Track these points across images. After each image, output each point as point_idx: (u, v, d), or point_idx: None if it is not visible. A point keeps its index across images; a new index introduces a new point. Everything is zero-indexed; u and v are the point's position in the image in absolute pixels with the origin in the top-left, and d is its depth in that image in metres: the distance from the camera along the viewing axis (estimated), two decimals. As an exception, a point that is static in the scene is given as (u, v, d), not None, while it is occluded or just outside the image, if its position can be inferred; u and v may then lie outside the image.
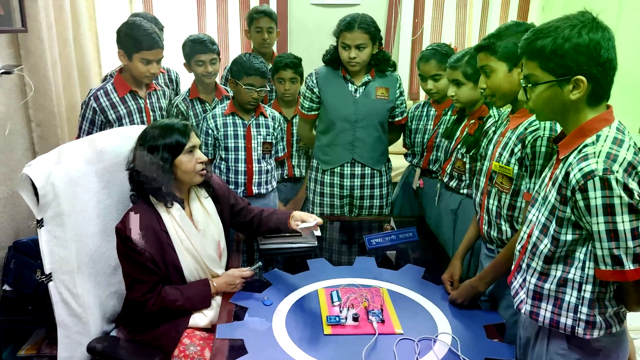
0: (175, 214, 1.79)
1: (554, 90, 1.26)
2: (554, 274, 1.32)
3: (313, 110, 2.55)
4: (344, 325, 1.64)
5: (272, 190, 2.64)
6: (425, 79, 2.43)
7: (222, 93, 2.84)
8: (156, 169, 1.74)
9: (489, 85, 1.68)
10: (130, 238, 1.71)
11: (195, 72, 2.75)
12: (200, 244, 1.81)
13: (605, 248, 1.19)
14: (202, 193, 1.92)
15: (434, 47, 2.43)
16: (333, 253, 2.22)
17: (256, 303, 1.78)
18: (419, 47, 4.54)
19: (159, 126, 1.81)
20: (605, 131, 1.25)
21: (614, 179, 1.15)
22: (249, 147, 2.52)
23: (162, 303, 1.74)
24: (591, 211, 1.18)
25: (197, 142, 1.84)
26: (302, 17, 4.32)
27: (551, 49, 1.23)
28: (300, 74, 2.78)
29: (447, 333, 1.63)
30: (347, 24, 2.33)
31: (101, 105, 2.36)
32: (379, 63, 2.46)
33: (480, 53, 1.69)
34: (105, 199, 1.90)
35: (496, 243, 1.75)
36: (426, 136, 2.53)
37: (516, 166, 1.62)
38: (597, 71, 1.21)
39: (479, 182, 1.81)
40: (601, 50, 1.20)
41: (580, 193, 1.19)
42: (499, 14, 4.50)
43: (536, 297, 1.36)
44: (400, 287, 1.89)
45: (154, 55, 2.33)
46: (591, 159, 1.19)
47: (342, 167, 2.53)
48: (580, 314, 1.29)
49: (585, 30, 1.20)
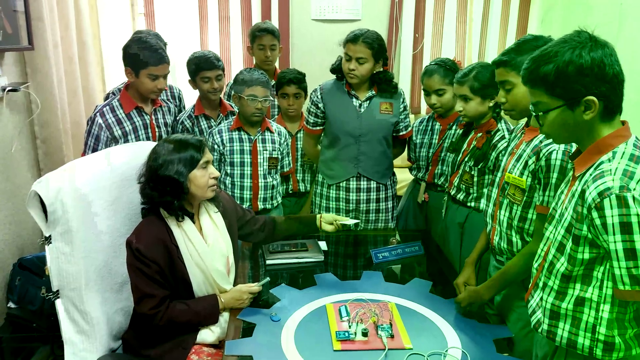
0: (185, 228, 1.80)
1: (566, 113, 1.26)
2: (571, 292, 1.30)
3: (318, 125, 2.56)
4: (354, 341, 1.64)
5: (277, 206, 2.64)
6: (429, 93, 2.45)
7: (227, 109, 2.85)
8: (170, 184, 1.74)
9: (509, 100, 1.69)
10: (141, 250, 1.71)
11: (201, 89, 2.76)
12: (209, 258, 1.82)
13: (623, 267, 1.17)
14: (212, 208, 1.93)
15: (437, 62, 2.46)
16: (340, 267, 2.22)
17: (264, 319, 1.78)
18: (420, 62, 4.58)
19: (174, 141, 1.81)
20: (621, 147, 1.23)
21: (630, 197, 1.13)
22: (255, 163, 2.53)
23: (170, 317, 1.73)
24: (608, 230, 1.16)
25: (210, 158, 1.85)
26: (303, 33, 4.36)
27: (555, 75, 1.22)
28: (304, 89, 2.80)
29: (457, 348, 1.62)
30: (353, 36, 2.36)
31: (107, 122, 2.38)
32: (381, 82, 2.47)
33: (499, 68, 1.69)
34: (114, 215, 1.90)
35: (506, 255, 1.75)
36: (431, 150, 2.55)
37: (529, 178, 1.63)
38: (605, 89, 1.21)
39: (491, 193, 1.82)
40: (605, 67, 1.20)
41: (597, 211, 1.17)
42: (498, 28, 4.54)
43: (553, 316, 1.34)
44: (408, 301, 1.89)
45: (161, 71, 2.35)
46: (607, 176, 1.18)
47: (347, 181, 2.53)
48: (598, 334, 1.26)
49: (585, 50, 1.20)
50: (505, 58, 1.66)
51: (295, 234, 2.20)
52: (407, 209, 2.71)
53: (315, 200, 2.66)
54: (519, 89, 1.64)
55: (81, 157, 2.09)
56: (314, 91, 2.56)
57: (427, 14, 4.47)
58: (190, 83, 2.82)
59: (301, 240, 2.36)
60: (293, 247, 2.27)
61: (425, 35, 4.52)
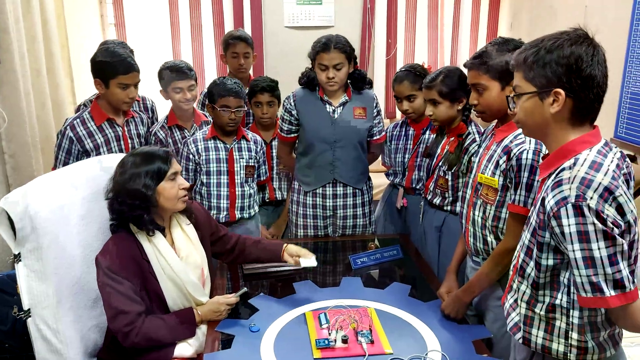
0: (156, 242, 1.76)
1: (535, 101, 1.25)
2: (542, 299, 1.30)
3: (292, 132, 2.55)
4: (334, 348, 1.63)
5: (254, 215, 2.62)
6: (400, 99, 2.47)
7: (201, 119, 2.82)
8: (138, 197, 1.71)
9: (481, 103, 1.70)
10: (111, 268, 1.68)
11: (173, 100, 2.73)
12: (183, 271, 1.78)
13: (583, 275, 1.16)
14: (184, 220, 1.90)
15: (407, 68, 2.48)
16: (318, 274, 2.21)
17: (243, 330, 1.76)
18: (394, 67, 4.61)
19: (140, 153, 1.79)
20: (584, 154, 1.21)
21: (586, 206, 1.13)
22: (231, 171, 2.51)
23: (146, 333, 1.70)
24: (566, 238, 1.16)
25: (178, 169, 1.82)
26: (277, 40, 4.36)
27: (533, 60, 1.23)
28: (277, 97, 2.79)
29: (437, 350, 1.62)
30: (324, 45, 2.35)
31: (78, 135, 2.33)
32: (356, 81, 2.49)
33: (472, 71, 1.70)
34: (85, 229, 1.86)
35: (482, 255, 1.77)
36: (407, 155, 2.55)
37: (501, 178, 1.64)
38: (576, 85, 1.19)
39: (465, 195, 1.84)
40: (582, 64, 1.18)
41: (555, 220, 1.17)
42: (469, 33, 4.61)
43: (527, 322, 1.34)
44: (387, 306, 1.89)
45: (131, 79, 2.31)
46: (565, 185, 1.17)
47: (323, 187, 2.53)
48: (571, 339, 1.27)
49: (568, 43, 1.20)
50: (477, 61, 1.67)
51: (259, 260, 2.11)
52: (385, 214, 2.72)
53: (292, 208, 2.65)
54: (491, 92, 1.66)
55: (50, 172, 2.04)
56: (286, 98, 2.55)
57: (399, 20, 4.51)
58: (162, 93, 2.80)
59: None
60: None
61: (398, 40, 4.56)
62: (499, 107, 1.67)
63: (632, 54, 3.13)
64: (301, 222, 2.60)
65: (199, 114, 2.84)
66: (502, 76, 1.63)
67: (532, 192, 1.56)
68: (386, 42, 4.54)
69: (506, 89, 1.63)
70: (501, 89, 1.65)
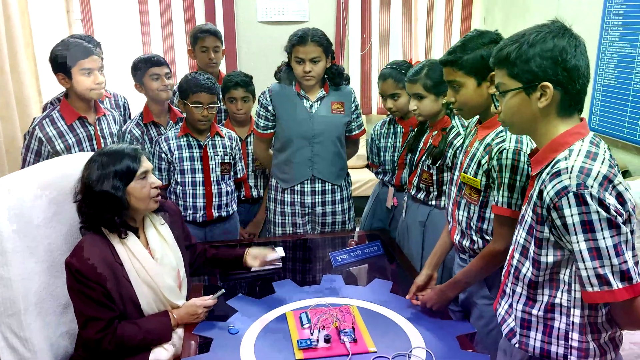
0: (130, 244, 1.69)
1: (522, 98, 1.23)
2: (540, 299, 1.25)
3: (269, 128, 2.50)
4: (316, 348, 1.59)
5: (233, 213, 2.56)
6: (385, 97, 2.43)
7: (177, 115, 2.73)
8: (107, 200, 1.64)
9: (458, 100, 1.65)
10: (82, 272, 1.60)
11: (150, 88, 2.61)
12: (157, 274, 1.72)
13: (589, 268, 1.11)
14: (158, 219, 1.83)
15: (391, 66, 2.42)
16: (298, 273, 2.16)
17: (221, 332, 1.70)
18: (369, 62, 4.60)
19: (107, 152, 1.71)
20: (577, 145, 1.19)
21: (588, 194, 1.09)
22: (206, 169, 2.43)
23: (119, 340, 1.63)
24: (569, 229, 1.12)
25: (149, 167, 1.74)
26: (250, 36, 4.30)
27: (517, 55, 1.21)
28: (251, 92, 2.72)
29: (421, 347, 1.59)
30: (300, 38, 2.30)
31: (47, 135, 2.22)
32: (334, 77, 2.44)
33: (447, 67, 1.65)
34: (53, 232, 1.77)
35: (468, 253, 1.74)
36: (396, 154, 2.51)
37: (484, 178, 1.61)
38: (563, 77, 1.18)
39: (451, 192, 1.81)
40: (567, 55, 1.18)
41: (556, 211, 1.13)
42: (442, 27, 4.62)
43: (524, 324, 1.29)
44: (370, 303, 1.85)
45: (92, 63, 2.21)
46: (564, 174, 1.13)
47: (302, 184, 2.48)
48: (571, 340, 1.21)
49: (550, 35, 1.19)
50: (451, 57, 1.62)
51: (221, 268, 2.04)
52: (373, 211, 2.68)
53: (269, 206, 2.60)
54: (467, 88, 1.61)
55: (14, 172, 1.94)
56: (262, 94, 2.50)
57: (373, 14, 4.50)
58: (137, 87, 2.69)
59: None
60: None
61: (373, 35, 4.55)
62: (477, 103, 1.63)
63: (604, 47, 3.17)
64: (279, 220, 2.55)
65: (175, 110, 2.75)
66: (478, 71, 1.58)
67: (515, 193, 1.52)
68: (361, 36, 4.53)
69: (483, 85, 1.59)
70: (477, 85, 1.60)
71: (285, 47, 2.39)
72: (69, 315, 1.79)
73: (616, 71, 3.08)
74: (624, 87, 3.03)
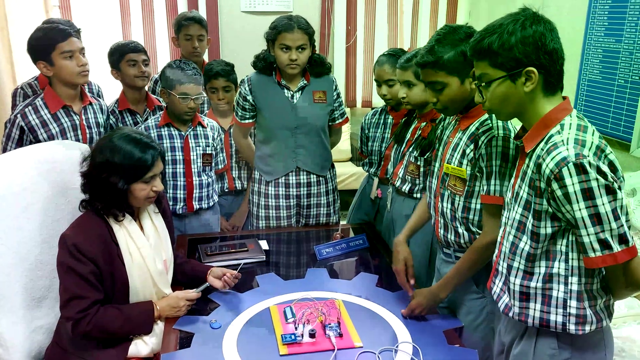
0: (127, 226, 1.68)
1: (507, 85, 1.28)
2: (538, 271, 1.29)
3: (247, 118, 2.43)
4: (301, 343, 1.55)
5: (213, 205, 2.50)
6: (380, 84, 2.38)
7: (154, 103, 2.65)
8: (107, 188, 1.62)
9: (441, 100, 1.61)
10: (78, 246, 1.56)
11: (127, 74, 2.53)
12: (151, 258, 1.70)
13: (591, 234, 1.17)
14: (152, 208, 1.81)
15: (389, 52, 2.37)
16: (282, 267, 2.12)
17: (203, 327, 1.65)
18: (354, 54, 4.57)
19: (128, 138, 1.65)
20: (567, 120, 1.26)
21: (587, 163, 1.15)
22: (187, 160, 2.37)
23: (99, 323, 1.59)
24: (571, 198, 1.17)
25: (158, 171, 1.70)
26: (233, 25, 4.23)
27: (499, 45, 1.25)
28: (233, 81, 2.65)
29: (408, 342, 1.57)
30: (287, 25, 2.23)
31: (30, 124, 2.13)
32: (316, 66, 2.39)
33: (426, 69, 1.60)
34: (26, 224, 1.71)
35: (453, 247, 1.70)
36: (384, 144, 2.47)
37: (469, 167, 1.58)
38: (545, 60, 1.24)
39: (431, 185, 1.77)
40: (546, 39, 1.24)
41: (556, 182, 1.18)
42: (428, 20, 4.61)
43: (523, 297, 1.32)
44: (355, 297, 1.82)
45: (73, 45, 2.12)
46: (561, 146, 1.19)
47: (286, 176, 2.43)
48: (569, 308, 1.26)
49: (528, 22, 1.24)
50: (432, 58, 1.57)
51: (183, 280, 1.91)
52: (359, 204, 2.64)
53: (253, 199, 2.54)
54: (451, 88, 1.57)
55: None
56: (241, 82, 2.43)
57: (359, 6, 4.46)
58: (113, 74, 2.60)
59: (240, 241, 2.24)
60: (232, 247, 2.15)
61: (358, 27, 4.51)
62: (461, 100, 1.60)
63: (589, 42, 3.17)
64: (263, 214, 2.50)
65: (152, 98, 2.67)
66: (460, 69, 1.55)
67: (506, 180, 1.50)
68: (346, 28, 4.48)
69: (466, 82, 1.56)
70: (461, 83, 1.57)
71: (266, 34, 2.32)
72: (44, 309, 1.74)
73: (601, 66, 3.09)
74: (608, 82, 3.04)
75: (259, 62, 2.39)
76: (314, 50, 2.38)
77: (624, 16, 2.93)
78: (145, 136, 1.71)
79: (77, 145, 2.00)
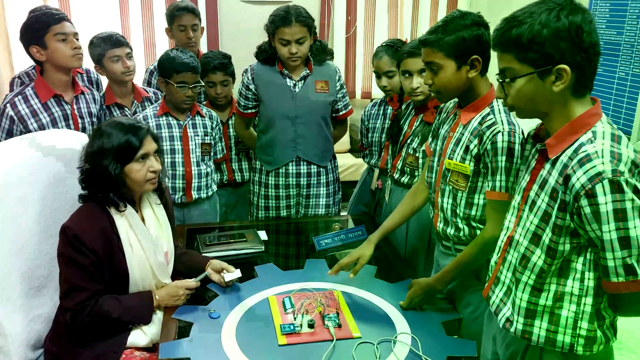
0: (128, 216, 1.67)
1: (535, 83, 1.14)
2: (548, 288, 1.19)
3: (250, 108, 2.42)
4: (300, 334, 1.55)
5: (212, 195, 2.49)
6: (379, 75, 2.36)
7: (142, 94, 2.60)
8: (103, 175, 1.61)
9: (436, 82, 1.58)
10: (79, 237, 1.56)
11: (112, 71, 2.47)
12: (151, 250, 1.69)
13: (617, 258, 1.06)
14: (154, 199, 1.80)
15: (387, 43, 2.35)
16: (281, 257, 2.12)
17: (202, 316, 1.65)
18: (353, 45, 4.54)
19: (114, 124, 1.65)
20: (599, 127, 1.12)
21: (624, 181, 1.03)
22: (186, 149, 2.36)
23: (98, 313, 1.59)
24: (601, 218, 1.05)
25: (151, 149, 1.68)
26: (232, 15, 4.20)
27: (528, 37, 1.10)
28: (231, 74, 2.62)
29: (407, 333, 1.57)
30: (284, 19, 2.21)
31: (20, 114, 2.11)
32: (318, 53, 2.38)
33: (426, 48, 1.57)
34: (22, 214, 1.69)
35: (453, 240, 1.69)
36: (383, 135, 2.46)
37: (472, 163, 1.56)
38: (580, 58, 1.10)
39: (430, 180, 1.76)
40: (583, 34, 1.09)
41: (587, 198, 1.06)
42: (429, 10, 4.58)
43: (529, 314, 1.23)
44: (354, 288, 1.82)
45: (66, 28, 2.10)
46: (595, 159, 1.06)
47: (286, 166, 2.42)
48: (580, 329, 1.17)
49: (564, 13, 1.09)
50: (433, 38, 1.54)
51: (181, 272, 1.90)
52: (360, 196, 2.63)
53: (253, 189, 2.54)
54: (446, 72, 1.55)
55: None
56: (244, 72, 2.42)
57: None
58: (97, 69, 2.55)
59: (239, 231, 2.24)
60: (230, 238, 2.15)
61: (358, 18, 4.48)
62: (455, 87, 1.57)
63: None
64: (263, 204, 2.49)
65: (139, 89, 2.60)
66: (458, 54, 1.52)
67: (512, 176, 1.48)
68: (346, 19, 4.45)
69: (462, 69, 1.53)
70: (457, 69, 1.54)
71: (266, 27, 2.30)
72: (43, 298, 1.73)
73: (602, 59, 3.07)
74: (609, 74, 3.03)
75: (261, 53, 2.37)
76: (316, 37, 2.37)
77: (626, 8, 2.91)
78: (133, 119, 1.70)
79: (75, 134, 1.99)
